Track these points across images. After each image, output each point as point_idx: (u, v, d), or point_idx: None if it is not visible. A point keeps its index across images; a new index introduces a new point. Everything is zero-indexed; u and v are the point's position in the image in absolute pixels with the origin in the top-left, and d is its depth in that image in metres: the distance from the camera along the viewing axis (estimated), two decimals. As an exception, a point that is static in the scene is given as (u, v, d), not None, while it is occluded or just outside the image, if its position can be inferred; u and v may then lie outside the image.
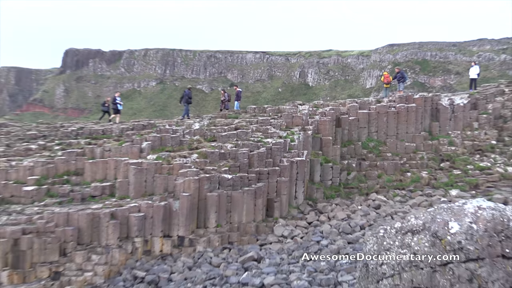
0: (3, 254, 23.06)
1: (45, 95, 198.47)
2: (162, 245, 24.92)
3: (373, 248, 12.99)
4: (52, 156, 30.33)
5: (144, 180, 26.88)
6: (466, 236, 11.67)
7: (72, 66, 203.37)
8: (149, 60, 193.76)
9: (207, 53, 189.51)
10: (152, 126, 33.90)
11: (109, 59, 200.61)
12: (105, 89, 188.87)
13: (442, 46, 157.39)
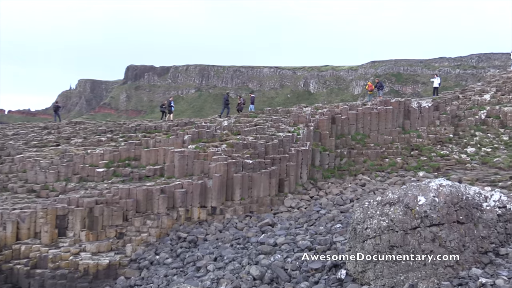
0: (81, 219, 23.22)
1: (112, 100, 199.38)
2: (199, 213, 24.95)
3: (360, 216, 12.97)
4: (117, 146, 30.41)
5: (186, 164, 26.90)
6: (430, 207, 11.63)
7: (132, 78, 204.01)
8: (190, 73, 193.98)
9: (233, 68, 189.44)
10: (192, 123, 33.86)
11: (160, 72, 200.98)
12: (156, 96, 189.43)
13: (412, 62, 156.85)
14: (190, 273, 18.24)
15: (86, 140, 33.35)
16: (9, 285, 21.21)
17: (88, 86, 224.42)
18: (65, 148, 31.28)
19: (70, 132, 36.33)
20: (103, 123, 39.84)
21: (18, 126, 42.51)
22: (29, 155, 30.41)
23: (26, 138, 35.59)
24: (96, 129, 36.17)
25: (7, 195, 26.61)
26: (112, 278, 20.80)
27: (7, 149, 32.98)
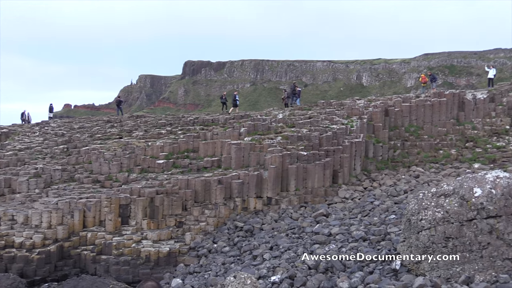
0: (143, 208, 23.69)
1: (170, 94, 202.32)
2: (255, 203, 25.04)
3: (414, 207, 12.71)
4: (176, 138, 30.83)
5: (242, 156, 27.04)
6: (487, 199, 11.28)
7: (190, 73, 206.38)
8: (245, 68, 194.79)
9: (287, 62, 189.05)
10: (248, 116, 33.99)
11: (216, 67, 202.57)
12: (213, 90, 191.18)
13: (466, 54, 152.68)
14: (247, 261, 18.35)
15: (147, 133, 33.95)
16: (77, 269, 21.89)
17: (148, 81, 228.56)
18: (127, 141, 31.95)
19: (131, 125, 37.09)
20: (162, 117, 40.49)
21: (84, 120, 43.74)
22: (94, 147, 31.22)
23: (91, 131, 36.56)
24: (156, 123, 36.78)
25: (74, 185, 27.43)
26: (172, 265, 21.17)
27: (74, 142, 33.97)
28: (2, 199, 26.23)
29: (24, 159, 31.29)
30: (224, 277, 16.31)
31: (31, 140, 36.57)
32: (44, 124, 43.00)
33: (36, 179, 27.35)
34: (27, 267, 20.97)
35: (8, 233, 22.41)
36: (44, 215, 23.10)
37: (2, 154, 32.57)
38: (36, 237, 21.95)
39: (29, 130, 40.69)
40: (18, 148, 34.15)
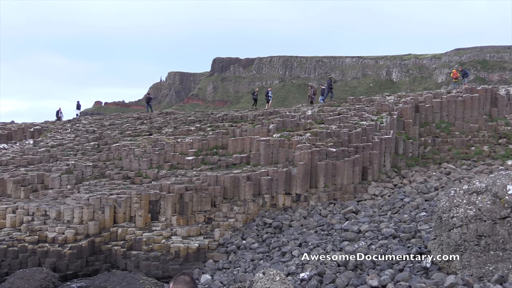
0: (172, 204, 23.87)
1: (199, 91, 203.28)
2: (284, 200, 25.03)
3: (446, 204, 12.54)
4: (205, 135, 30.96)
5: (271, 152, 27.04)
6: (521, 196, 11.07)
7: (218, 70, 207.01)
8: (273, 64, 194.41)
9: (316, 58, 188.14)
10: (276, 113, 33.96)
11: (245, 64, 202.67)
12: (242, 87, 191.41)
13: (499, 49, 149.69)
14: (276, 257, 18.35)
15: (176, 129, 34.17)
16: (108, 264, 22.18)
17: (177, 78, 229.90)
18: (157, 137, 32.20)
19: (161, 122, 37.38)
20: (192, 114, 40.73)
21: (114, 116, 44.25)
22: (124, 144, 31.56)
23: (121, 128, 36.97)
24: (185, 119, 37.00)
25: (105, 181, 27.78)
26: (201, 261, 21.30)
27: (105, 138, 34.40)
28: (35, 195, 26.72)
29: (56, 155, 31.81)
30: (253, 274, 16.35)
31: (63, 137, 37.15)
32: (76, 121, 43.65)
33: (68, 175, 27.78)
34: (60, 262, 21.33)
35: (41, 228, 22.83)
36: (75, 211, 23.45)
37: (35, 150, 33.17)
38: (68, 232, 22.30)
39: (61, 127, 41.33)
40: (50, 144, 34.74)
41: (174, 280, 5.54)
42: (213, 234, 22.89)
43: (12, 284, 17.94)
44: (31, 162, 30.94)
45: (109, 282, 18.24)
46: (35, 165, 30.50)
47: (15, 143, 38.49)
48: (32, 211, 24.17)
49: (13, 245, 21.99)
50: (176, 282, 5.50)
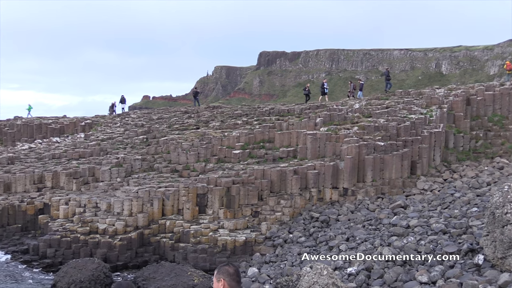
0: (220, 198, 24.07)
1: (246, 85, 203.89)
2: (331, 194, 24.89)
3: (499, 200, 12.21)
4: (252, 129, 31.05)
5: (318, 146, 26.91)
6: None
7: (264, 63, 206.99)
8: (320, 58, 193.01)
9: (363, 51, 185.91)
10: (324, 106, 33.74)
11: (291, 58, 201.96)
12: (288, 80, 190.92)
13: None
14: (323, 252, 18.29)
15: (223, 123, 34.39)
16: (157, 256, 22.56)
17: (224, 72, 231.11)
18: (204, 131, 32.49)
19: (208, 116, 37.67)
20: (238, 107, 40.88)
21: (162, 110, 44.86)
22: (172, 138, 31.97)
23: (169, 122, 37.45)
24: (232, 113, 37.18)
25: (153, 174, 28.23)
26: (248, 254, 21.42)
27: (153, 132, 34.94)
28: (86, 187, 27.40)
29: (106, 149, 32.54)
30: (300, 267, 16.34)
31: (112, 131, 37.95)
32: (125, 115, 44.48)
33: (118, 168, 28.37)
34: (110, 253, 21.82)
35: (93, 220, 23.41)
36: (125, 203, 23.93)
37: (86, 144, 34.01)
38: (118, 224, 22.79)
39: (111, 121, 42.21)
40: (100, 138, 35.56)
41: (218, 270, 5.62)
42: (260, 227, 22.98)
43: (66, 273, 18.48)
44: (82, 155, 31.76)
45: (158, 274, 18.55)
46: (86, 158, 31.29)
47: (67, 137, 39.59)
48: (84, 203, 24.82)
49: (66, 235, 22.66)
50: (220, 272, 5.57)
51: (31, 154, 33.45)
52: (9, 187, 27.72)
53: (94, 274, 18.54)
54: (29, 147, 37.18)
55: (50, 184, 27.88)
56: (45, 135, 41.45)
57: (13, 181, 27.84)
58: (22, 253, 23.18)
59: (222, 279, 5.52)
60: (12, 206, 25.79)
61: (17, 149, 36.48)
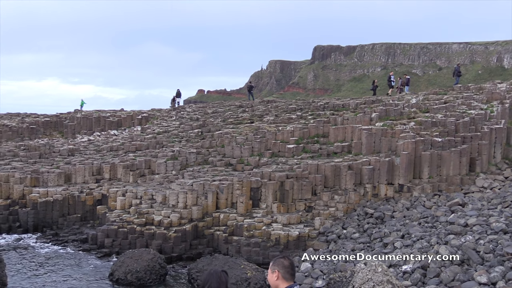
0: (273, 192, 24.12)
1: (300, 79, 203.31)
2: (386, 190, 24.53)
3: None
4: (306, 123, 30.94)
5: (373, 141, 26.56)
6: None
7: (319, 58, 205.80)
8: (375, 52, 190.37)
9: (421, 45, 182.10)
10: (379, 101, 33.26)
11: (346, 52, 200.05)
12: (342, 74, 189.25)
13: None
14: (377, 248, 18.05)
15: (277, 117, 34.40)
16: (210, 248, 22.82)
17: (278, 66, 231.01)
18: (258, 125, 32.59)
19: (262, 110, 37.76)
20: (293, 102, 40.80)
21: (217, 104, 45.25)
22: (227, 132, 32.22)
23: (223, 116, 37.75)
24: (286, 107, 37.13)
25: (208, 168, 28.54)
26: (301, 249, 21.36)
27: (208, 126, 35.30)
28: (143, 179, 27.95)
29: (162, 142, 33.11)
30: (354, 264, 16.19)
31: (168, 124, 38.59)
32: (180, 109, 45.11)
33: (173, 161, 28.81)
34: (165, 244, 22.21)
35: (148, 211, 23.88)
36: (180, 196, 24.29)
37: (143, 137, 34.72)
38: (173, 216, 23.16)
39: (167, 114, 42.91)
40: (156, 131, 36.21)
41: (273, 261, 5.73)
42: (313, 222, 22.90)
43: (123, 263, 18.95)
44: (139, 148, 32.44)
45: (212, 266, 18.74)
46: (142, 151, 31.95)
47: (125, 130, 40.54)
48: (140, 195, 25.34)
49: (123, 226, 23.21)
50: (275, 264, 5.69)
51: (90, 146, 34.41)
52: (69, 178, 28.61)
53: (150, 264, 18.93)
54: (88, 139, 38.27)
55: (108, 175, 28.61)
56: (103, 128, 42.58)
57: (73, 172, 28.71)
58: (82, 242, 23.89)
59: (277, 271, 5.62)
60: (72, 196, 26.61)
61: (77, 141, 37.63)
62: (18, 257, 21.91)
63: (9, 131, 42.69)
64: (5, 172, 28.15)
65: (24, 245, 23.94)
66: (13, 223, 26.13)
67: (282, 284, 5.62)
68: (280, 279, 5.60)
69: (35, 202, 26.40)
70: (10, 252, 22.55)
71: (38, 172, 28.48)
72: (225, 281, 5.87)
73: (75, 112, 47.62)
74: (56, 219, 26.26)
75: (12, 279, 18.64)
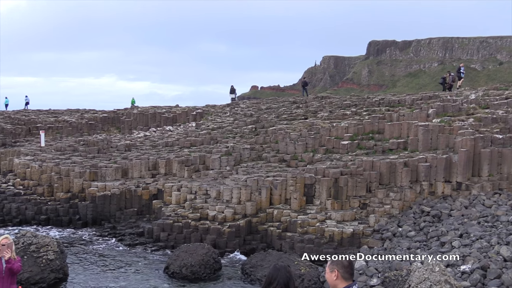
0: (327, 188, 23.95)
1: (354, 75, 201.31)
2: (444, 188, 23.94)
3: None
4: (361, 120, 30.56)
5: (430, 138, 25.99)
6: None
7: (374, 53, 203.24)
8: (432, 47, 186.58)
9: (480, 39, 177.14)
10: (436, 97, 32.49)
11: (401, 47, 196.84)
12: (398, 70, 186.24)
13: None
14: (434, 247, 17.66)
15: (331, 113, 34.13)
16: (264, 244, 22.87)
17: (332, 62, 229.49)
18: (312, 121, 32.42)
19: (316, 106, 37.54)
20: (347, 98, 40.38)
21: (270, 100, 45.29)
22: (280, 128, 32.20)
23: (277, 112, 37.73)
24: (341, 103, 36.79)
25: (261, 164, 28.60)
26: (355, 247, 21.13)
27: (262, 122, 35.38)
28: (197, 175, 28.28)
29: (216, 137, 33.39)
30: (410, 262, 15.90)
31: (222, 120, 38.89)
32: (234, 105, 45.39)
33: (227, 157, 29.02)
34: (219, 239, 22.41)
35: (203, 206, 24.14)
36: (234, 191, 24.45)
37: (197, 133, 35.12)
38: (227, 212, 23.33)
39: (221, 110, 43.25)
40: (211, 127, 36.56)
41: (331, 260, 5.69)
42: (367, 219, 22.62)
43: (178, 257, 19.24)
44: (193, 143, 32.83)
45: (265, 262, 18.79)
46: (197, 146, 32.32)
47: (179, 126, 41.11)
48: (195, 190, 25.64)
49: (178, 220, 23.56)
50: (334, 263, 5.65)
51: (146, 142, 35.07)
52: (126, 173, 29.24)
53: (204, 259, 19.13)
54: (144, 135, 39.02)
55: (163, 170, 29.08)
56: (158, 124, 43.29)
57: (130, 167, 29.32)
58: (138, 235, 24.39)
59: (336, 270, 5.59)
60: (129, 190, 27.19)
61: (133, 137, 38.42)
62: (77, 249, 22.60)
63: (69, 127, 44.02)
64: (65, 167, 29.05)
65: (83, 238, 24.68)
66: (73, 215, 26.96)
67: (341, 284, 5.58)
68: (339, 278, 5.56)
69: (93, 195, 27.15)
70: (70, 244, 23.28)
71: (97, 167, 29.24)
72: (292, 276, 5.86)
73: (131, 108, 48.66)
74: (114, 212, 26.90)
75: (72, 270, 19.23)
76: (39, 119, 46.38)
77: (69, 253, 20.67)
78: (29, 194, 28.44)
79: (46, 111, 52.60)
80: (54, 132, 43.39)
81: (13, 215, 27.24)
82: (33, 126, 44.64)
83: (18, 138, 42.91)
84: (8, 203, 27.76)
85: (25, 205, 27.52)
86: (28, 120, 46.24)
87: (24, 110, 54.56)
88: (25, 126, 44.82)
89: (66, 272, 18.30)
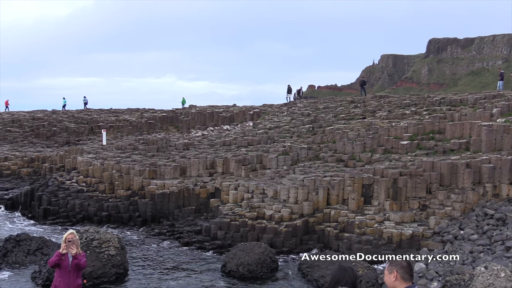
0: (386, 189, 23.54)
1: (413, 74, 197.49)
2: (509, 190, 23.08)
3: None
4: (421, 119, 29.92)
5: (494, 138, 25.15)
6: None
7: (434, 51, 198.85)
8: (496, 44, 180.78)
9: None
10: (501, 96, 31.42)
11: (463, 44, 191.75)
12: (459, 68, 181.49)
13: None
14: (499, 252, 17.06)
15: (390, 113, 33.57)
16: (321, 244, 22.70)
17: (390, 61, 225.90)
18: (370, 121, 31.99)
19: (375, 105, 37.02)
20: (406, 97, 39.63)
21: (328, 100, 45.01)
22: (338, 127, 31.91)
23: (335, 111, 37.44)
24: (400, 103, 36.13)
25: (319, 163, 28.41)
26: (415, 249, 20.65)
27: (319, 121, 35.17)
28: (254, 174, 28.36)
29: (273, 137, 33.41)
30: (473, 267, 15.42)
31: (279, 120, 38.89)
32: (292, 104, 45.32)
33: (284, 156, 28.97)
34: (276, 238, 22.38)
35: (260, 206, 24.18)
36: (291, 191, 24.37)
37: (255, 132, 35.25)
38: (284, 211, 23.28)
39: (278, 110, 43.27)
40: (268, 126, 36.63)
41: (390, 262, 5.66)
42: (427, 221, 22.08)
43: (235, 255, 19.34)
44: (250, 142, 32.97)
45: (322, 262, 18.65)
46: (254, 145, 32.43)
47: (237, 125, 41.41)
48: (252, 189, 25.71)
49: (235, 219, 23.68)
50: (393, 264, 5.61)
51: (204, 141, 35.47)
52: (184, 171, 29.63)
53: (261, 258, 19.16)
54: (202, 134, 39.51)
55: (221, 169, 29.31)
56: (216, 123, 43.75)
57: (188, 165, 29.70)
58: (195, 233, 24.66)
59: (395, 271, 5.55)
60: (187, 189, 27.54)
61: (191, 136, 38.97)
62: (136, 246, 23.06)
63: (129, 126, 45.09)
64: (126, 165, 29.71)
65: (141, 236, 25.16)
66: (133, 212, 27.53)
67: (401, 285, 5.52)
68: (399, 280, 5.50)
69: (153, 193, 27.63)
70: (130, 242, 23.79)
71: (156, 165, 29.77)
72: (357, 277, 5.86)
73: (190, 108, 49.34)
74: (172, 210, 27.30)
75: (132, 266, 19.65)
76: (101, 118, 47.77)
77: (129, 250, 21.12)
78: (91, 191, 29.24)
79: (107, 110, 54.16)
80: (115, 131, 44.59)
81: (76, 211, 28.07)
82: (95, 125, 46.03)
83: (81, 136, 44.36)
84: (72, 199, 28.63)
85: (87, 202, 28.32)
86: (91, 119, 47.69)
87: (85, 109, 56.31)
88: (87, 125, 46.27)
89: (127, 268, 18.72)
